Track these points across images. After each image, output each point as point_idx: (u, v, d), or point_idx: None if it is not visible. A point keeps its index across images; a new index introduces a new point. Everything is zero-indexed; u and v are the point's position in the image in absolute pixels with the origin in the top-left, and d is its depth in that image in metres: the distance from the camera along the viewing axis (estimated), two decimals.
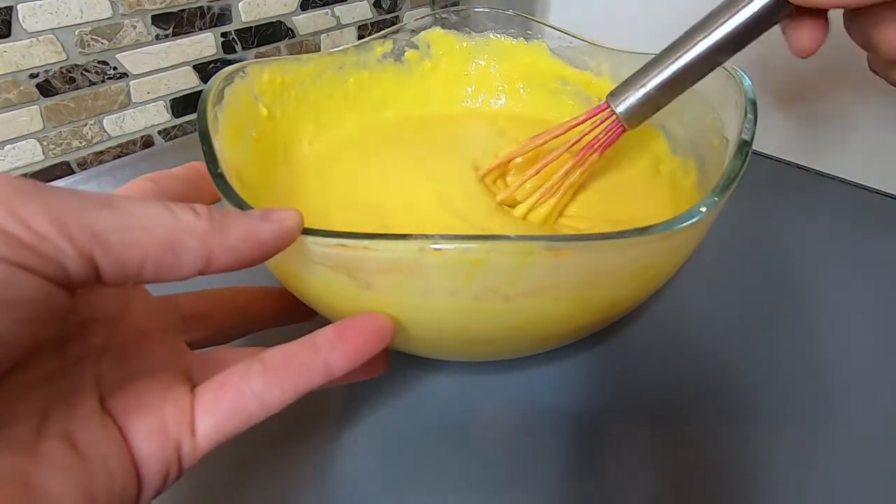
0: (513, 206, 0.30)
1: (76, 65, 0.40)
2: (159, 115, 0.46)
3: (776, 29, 0.24)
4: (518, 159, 0.31)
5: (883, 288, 0.32)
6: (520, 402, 0.26)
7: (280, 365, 0.17)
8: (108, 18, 0.40)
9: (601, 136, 0.28)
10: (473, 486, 0.23)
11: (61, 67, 0.40)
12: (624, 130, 0.27)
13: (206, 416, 0.16)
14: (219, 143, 0.23)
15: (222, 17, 0.46)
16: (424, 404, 0.26)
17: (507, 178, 0.32)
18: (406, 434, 0.25)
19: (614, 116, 0.27)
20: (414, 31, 0.37)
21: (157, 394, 0.16)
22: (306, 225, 0.17)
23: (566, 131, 0.29)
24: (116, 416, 0.16)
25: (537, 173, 0.29)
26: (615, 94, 0.26)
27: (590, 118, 0.28)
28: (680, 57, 0.24)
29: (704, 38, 0.24)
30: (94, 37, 0.40)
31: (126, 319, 0.18)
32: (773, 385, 0.27)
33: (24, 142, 0.40)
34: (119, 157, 0.45)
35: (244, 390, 0.16)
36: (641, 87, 0.25)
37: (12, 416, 0.14)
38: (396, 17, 0.59)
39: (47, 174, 0.42)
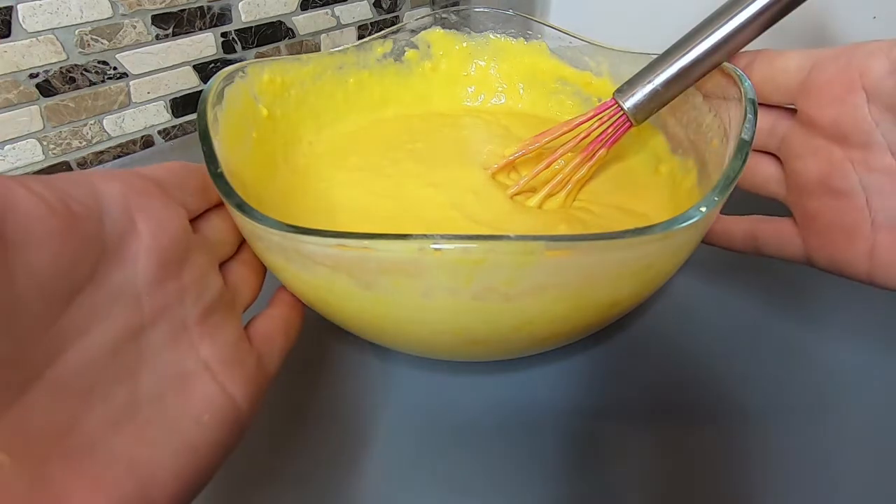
0: (531, 192, 0.30)
1: (76, 65, 0.40)
2: (159, 115, 0.46)
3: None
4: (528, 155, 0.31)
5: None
6: (520, 402, 0.26)
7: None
8: (108, 18, 0.40)
9: (609, 131, 0.28)
10: (473, 486, 0.23)
11: (61, 67, 0.40)
12: (631, 126, 0.28)
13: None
14: (219, 143, 0.23)
15: (222, 17, 0.46)
16: (424, 404, 0.26)
17: (519, 172, 0.32)
18: (405, 434, 0.25)
19: (622, 112, 0.27)
20: (414, 31, 0.37)
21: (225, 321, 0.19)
22: (308, 226, 0.17)
23: (574, 128, 0.29)
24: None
25: (548, 167, 0.29)
26: (622, 91, 0.27)
27: (597, 114, 0.28)
28: (685, 54, 0.25)
29: (709, 35, 0.25)
30: (94, 37, 0.40)
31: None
32: (773, 385, 0.27)
33: (24, 142, 0.40)
34: (119, 157, 0.45)
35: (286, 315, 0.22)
36: (648, 83, 0.26)
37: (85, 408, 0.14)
38: (396, 17, 0.59)
39: (47, 174, 0.42)
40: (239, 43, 0.48)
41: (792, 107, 0.25)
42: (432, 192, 0.29)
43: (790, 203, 0.26)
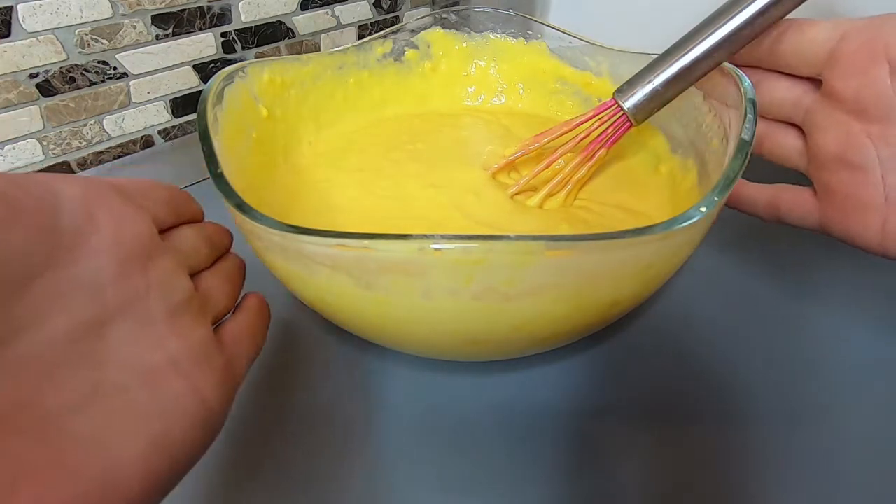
0: (531, 192, 0.30)
1: (76, 65, 0.40)
2: (159, 115, 0.46)
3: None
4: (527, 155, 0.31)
5: (880, 286, 0.32)
6: (520, 402, 0.26)
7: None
8: (108, 18, 0.40)
9: (609, 130, 0.28)
10: (473, 486, 0.23)
11: (61, 67, 0.40)
12: (631, 126, 0.28)
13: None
14: (219, 143, 0.23)
15: (222, 17, 0.46)
16: (424, 404, 0.26)
17: (520, 171, 0.32)
18: (405, 434, 0.25)
19: (622, 112, 0.27)
20: (414, 31, 0.37)
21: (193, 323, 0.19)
22: (308, 226, 0.17)
23: (574, 128, 0.29)
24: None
25: (548, 167, 0.29)
26: (622, 91, 0.27)
27: (597, 114, 0.28)
28: (686, 53, 0.25)
29: (708, 35, 0.25)
30: (94, 37, 0.40)
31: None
32: (772, 385, 0.27)
33: (24, 142, 0.40)
34: (119, 157, 0.45)
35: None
36: (648, 83, 0.26)
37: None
38: (396, 17, 0.59)
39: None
40: (239, 43, 0.48)
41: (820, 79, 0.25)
42: (432, 192, 0.29)
43: (810, 175, 0.26)
